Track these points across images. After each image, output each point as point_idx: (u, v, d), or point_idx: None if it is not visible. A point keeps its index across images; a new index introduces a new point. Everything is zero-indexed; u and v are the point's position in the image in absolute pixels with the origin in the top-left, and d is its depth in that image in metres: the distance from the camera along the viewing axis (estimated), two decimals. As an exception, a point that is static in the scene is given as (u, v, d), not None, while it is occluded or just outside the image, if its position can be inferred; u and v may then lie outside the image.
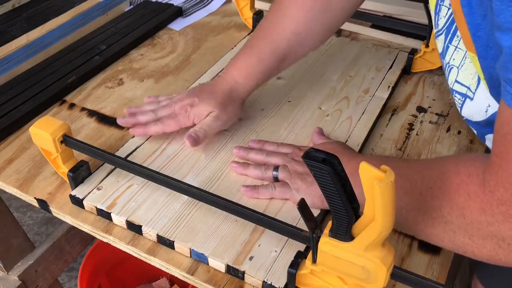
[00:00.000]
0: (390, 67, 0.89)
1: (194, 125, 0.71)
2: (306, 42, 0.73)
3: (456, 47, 0.56)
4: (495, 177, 0.44)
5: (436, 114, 0.80)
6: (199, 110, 0.70)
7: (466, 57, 0.55)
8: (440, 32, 0.59)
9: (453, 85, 0.59)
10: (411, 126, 0.78)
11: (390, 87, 0.84)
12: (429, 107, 0.82)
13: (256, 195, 0.64)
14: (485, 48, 0.48)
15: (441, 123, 0.79)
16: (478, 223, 0.46)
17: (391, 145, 0.75)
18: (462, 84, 0.58)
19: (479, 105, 0.56)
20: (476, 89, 0.56)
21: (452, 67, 0.58)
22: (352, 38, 1.00)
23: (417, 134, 0.77)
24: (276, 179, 0.65)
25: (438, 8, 0.59)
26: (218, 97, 0.71)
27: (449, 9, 0.56)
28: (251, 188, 0.64)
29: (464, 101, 0.58)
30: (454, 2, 0.50)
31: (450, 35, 0.57)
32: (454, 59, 0.58)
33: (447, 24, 0.57)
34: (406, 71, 0.90)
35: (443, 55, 0.60)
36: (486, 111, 0.56)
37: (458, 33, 0.54)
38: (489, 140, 0.59)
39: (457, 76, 0.57)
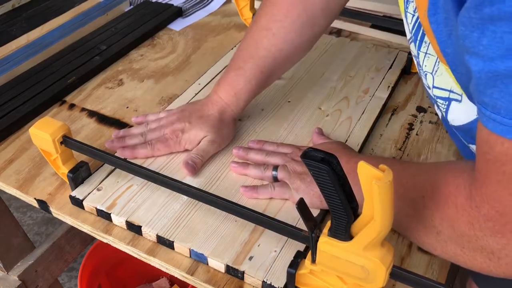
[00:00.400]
0: (390, 67, 0.89)
1: (186, 150, 0.70)
2: (291, 56, 0.73)
3: (426, 53, 0.55)
4: (480, 193, 0.44)
5: (436, 114, 0.80)
6: (190, 136, 0.69)
7: (438, 62, 0.53)
8: (410, 39, 0.58)
9: (432, 91, 0.57)
10: (411, 126, 0.78)
11: (390, 87, 0.84)
12: (429, 107, 0.82)
13: (255, 195, 0.64)
14: (454, 64, 0.48)
15: (441, 123, 0.79)
16: (467, 236, 0.46)
17: (391, 145, 0.75)
18: (441, 89, 0.55)
19: (471, 105, 0.53)
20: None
21: (427, 73, 0.56)
22: (352, 38, 1.00)
23: (417, 134, 0.77)
24: (275, 179, 0.65)
25: (405, 14, 0.57)
26: (209, 121, 0.70)
27: (413, 15, 0.55)
28: (250, 188, 0.65)
29: (448, 105, 0.55)
30: (421, 16, 0.49)
31: (418, 41, 0.55)
32: (426, 66, 0.55)
33: (413, 31, 0.56)
34: (406, 71, 0.90)
35: (417, 61, 0.58)
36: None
37: (426, 38, 0.53)
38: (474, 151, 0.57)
39: (433, 82, 0.55)
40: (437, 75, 0.54)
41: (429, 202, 0.50)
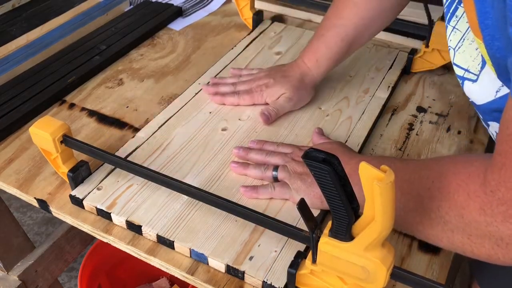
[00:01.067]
0: (390, 67, 0.89)
1: (266, 104, 0.78)
2: (372, 25, 0.78)
3: (454, 27, 0.55)
4: (498, 176, 0.43)
5: (436, 114, 0.80)
6: (271, 92, 0.78)
7: (464, 39, 0.54)
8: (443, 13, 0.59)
9: (453, 67, 0.57)
10: (411, 126, 0.78)
11: (390, 87, 0.84)
12: (429, 107, 0.82)
13: (255, 195, 0.64)
14: (492, 38, 0.46)
15: (441, 123, 0.79)
16: (476, 223, 0.45)
17: (391, 145, 0.75)
18: (459, 67, 0.56)
19: (485, 87, 0.53)
20: (480, 71, 0.53)
21: (450, 49, 0.56)
22: (352, 38, 1.00)
23: (417, 134, 0.77)
24: (275, 179, 0.65)
25: None
26: (290, 81, 0.77)
27: None
28: (250, 188, 0.65)
29: (462, 84, 0.56)
30: None
31: (449, 14, 0.56)
32: (451, 40, 0.56)
33: (447, 3, 0.57)
34: (406, 71, 0.90)
35: (447, 35, 0.59)
36: (496, 92, 0.53)
37: (458, 12, 0.54)
38: (492, 128, 0.57)
39: (454, 58, 0.56)
40: (458, 52, 0.55)
41: (436, 192, 0.49)
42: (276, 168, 0.65)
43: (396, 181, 0.41)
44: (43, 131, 0.60)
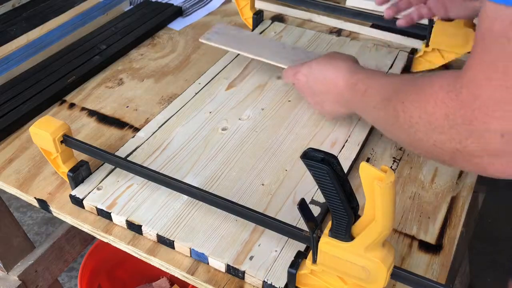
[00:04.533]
0: (390, 67, 0.89)
1: None
2: None
3: None
4: (462, 79, 0.45)
5: (436, 114, 0.80)
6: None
7: None
8: None
9: None
10: (411, 126, 0.78)
11: (390, 87, 0.84)
12: (429, 107, 0.82)
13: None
14: None
15: (441, 123, 0.79)
16: (441, 127, 0.48)
17: (391, 145, 0.75)
18: None
19: None
20: None
21: None
22: (352, 37, 1.00)
23: (417, 134, 0.77)
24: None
25: None
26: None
27: None
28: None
29: None
30: None
31: None
32: None
33: None
34: (406, 71, 0.90)
35: None
36: None
37: None
38: None
39: None
40: None
41: (410, 105, 0.52)
42: None
43: (376, 97, 0.53)
44: (43, 131, 0.60)
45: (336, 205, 0.44)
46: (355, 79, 0.66)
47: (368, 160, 0.72)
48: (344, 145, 0.73)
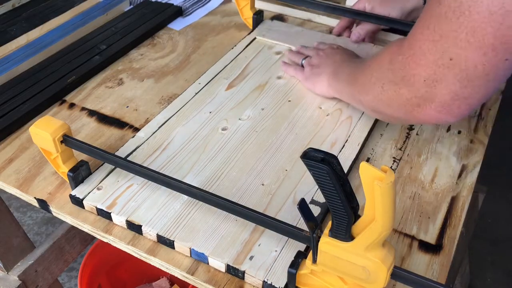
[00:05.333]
0: (390, 67, 0.89)
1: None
2: None
3: None
4: (407, 36, 0.55)
5: (436, 114, 0.80)
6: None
7: None
8: None
9: None
10: (411, 126, 0.78)
11: (390, 87, 0.84)
12: (429, 107, 0.82)
13: (284, 69, 0.88)
14: None
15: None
16: (386, 70, 0.58)
17: (391, 145, 0.75)
18: None
19: None
20: None
21: None
22: (352, 38, 1.00)
23: (417, 134, 0.77)
24: (302, 66, 0.86)
25: None
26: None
27: None
28: (284, 63, 0.88)
29: None
30: None
31: None
32: None
33: None
34: (406, 71, 0.90)
35: None
36: None
37: None
38: None
39: None
40: None
41: (368, 70, 0.64)
42: (306, 57, 0.86)
43: (351, 76, 0.68)
44: (43, 131, 0.60)
45: (336, 205, 0.44)
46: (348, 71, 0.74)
47: (368, 160, 0.72)
48: (344, 145, 0.73)
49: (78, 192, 0.65)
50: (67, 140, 0.62)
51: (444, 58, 0.50)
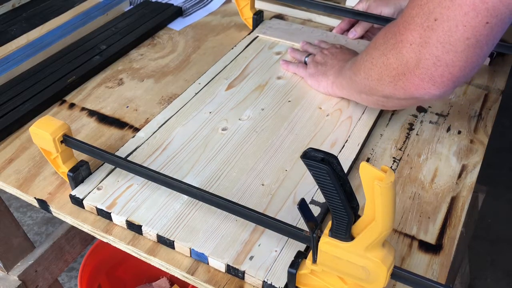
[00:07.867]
0: (390, 67, 0.89)
1: None
2: None
3: None
4: (399, 17, 0.58)
5: (436, 114, 0.81)
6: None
7: None
8: None
9: None
10: (411, 126, 0.78)
11: (390, 87, 0.84)
12: (429, 107, 0.82)
13: (285, 68, 0.88)
14: None
15: (441, 123, 0.79)
16: (379, 44, 0.61)
17: (391, 145, 0.75)
18: None
19: None
20: None
21: None
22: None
23: (417, 134, 0.77)
24: (305, 63, 0.87)
25: None
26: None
27: None
28: (284, 62, 0.89)
29: None
30: None
31: None
32: None
33: None
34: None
35: None
36: None
37: None
38: None
39: None
40: None
41: (368, 50, 0.65)
42: (309, 55, 0.87)
43: (350, 71, 0.69)
44: (43, 131, 0.60)
45: (336, 205, 0.44)
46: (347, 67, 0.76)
47: (368, 160, 0.72)
48: (344, 145, 0.73)
49: (78, 192, 0.65)
50: (67, 140, 0.62)
51: (430, 20, 0.52)
